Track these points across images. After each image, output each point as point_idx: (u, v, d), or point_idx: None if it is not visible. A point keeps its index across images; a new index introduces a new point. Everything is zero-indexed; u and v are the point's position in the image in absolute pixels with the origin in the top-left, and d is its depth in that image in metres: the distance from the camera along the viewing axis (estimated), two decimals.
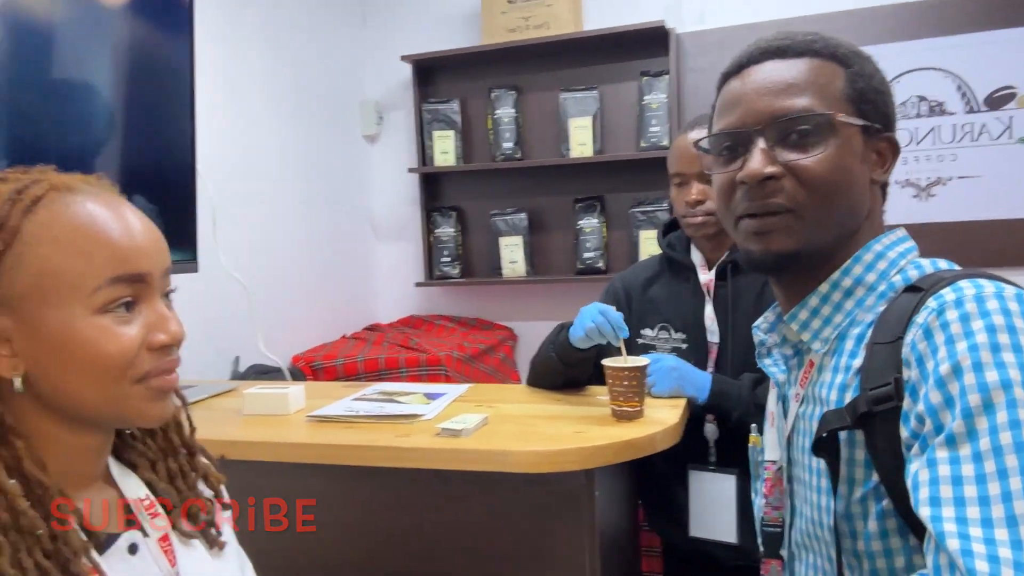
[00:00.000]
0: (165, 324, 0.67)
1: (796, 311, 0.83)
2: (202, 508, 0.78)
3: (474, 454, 1.09)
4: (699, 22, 2.65)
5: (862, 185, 0.80)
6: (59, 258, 0.62)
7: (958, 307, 0.67)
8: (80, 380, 0.63)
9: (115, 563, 0.66)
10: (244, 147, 2.30)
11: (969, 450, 0.61)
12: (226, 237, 2.00)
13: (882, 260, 0.80)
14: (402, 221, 3.05)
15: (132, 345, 0.64)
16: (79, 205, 0.64)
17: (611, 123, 2.73)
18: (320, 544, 1.26)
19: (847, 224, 0.80)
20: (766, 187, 0.78)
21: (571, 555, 1.13)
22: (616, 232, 2.75)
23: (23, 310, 0.61)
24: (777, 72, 0.79)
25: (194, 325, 2.24)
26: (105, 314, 0.63)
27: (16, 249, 0.61)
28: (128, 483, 0.73)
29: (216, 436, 1.23)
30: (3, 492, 0.59)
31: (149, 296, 0.67)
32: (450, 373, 2.26)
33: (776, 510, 0.90)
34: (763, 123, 0.78)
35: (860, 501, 0.74)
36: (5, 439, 0.62)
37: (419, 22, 2.95)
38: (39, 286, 0.61)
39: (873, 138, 0.80)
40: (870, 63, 0.82)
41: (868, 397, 0.70)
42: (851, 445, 0.74)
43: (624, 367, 1.19)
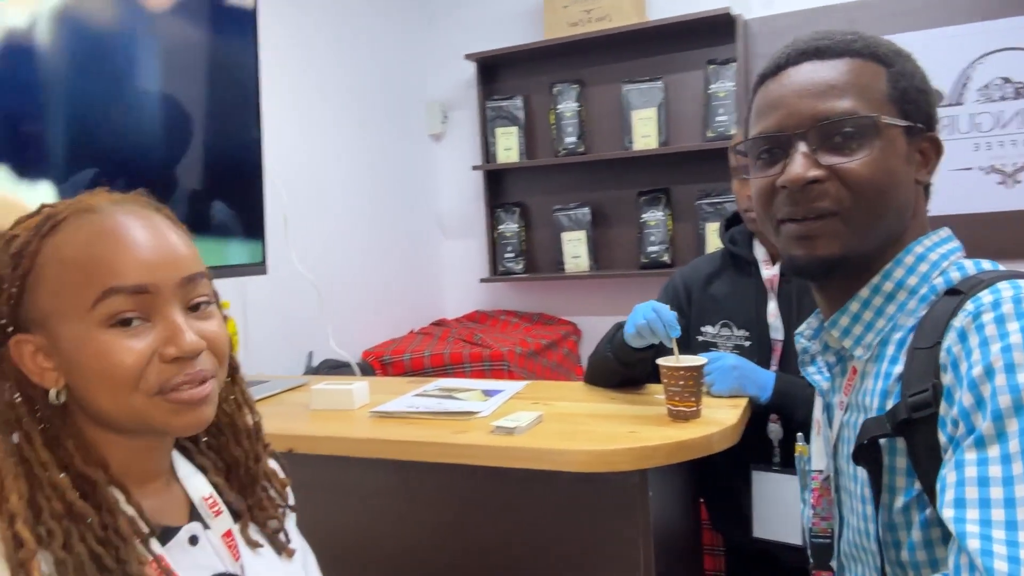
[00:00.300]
0: (177, 337, 0.66)
1: (837, 317, 0.81)
2: (271, 516, 0.81)
3: (526, 452, 1.11)
4: (767, 7, 2.57)
5: (907, 187, 0.77)
6: (66, 276, 0.65)
7: (995, 309, 0.65)
8: (96, 392, 0.65)
9: (176, 554, 0.70)
10: (313, 149, 2.39)
11: (998, 451, 0.60)
12: (297, 237, 2.09)
13: (923, 262, 0.77)
14: (467, 218, 3.09)
15: (136, 359, 0.65)
16: (88, 224, 0.66)
17: (676, 114, 2.68)
18: (379, 535, 1.30)
19: (893, 227, 0.78)
20: (810, 191, 0.76)
21: (625, 555, 1.14)
22: (682, 225, 2.71)
23: (49, 327, 0.65)
24: (817, 73, 0.77)
25: (269, 322, 2.36)
26: (111, 328, 0.64)
27: (36, 272, 0.65)
28: (193, 482, 0.77)
29: (285, 431, 1.29)
30: (54, 487, 0.64)
31: (161, 308, 0.67)
32: (512, 368, 2.28)
33: (824, 520, 0.89)
34: (804, 126, 0.76)
35: (903, 510, 0.72)
36: (58, 440, 0.67)
37: (482, 20, 2.98)
38: (54, 304, 0.65)
39: (916, 138, 0.78)
40: (911, 62, 0.79)
41: (908, 404, 0.69)
42: (892, 453, 0.73)
43: (679, 366, 1.18)
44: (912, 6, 2.36)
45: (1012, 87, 2.28)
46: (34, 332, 0.66)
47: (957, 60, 2.33)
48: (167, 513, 0.73)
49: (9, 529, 0.61)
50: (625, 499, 1.13)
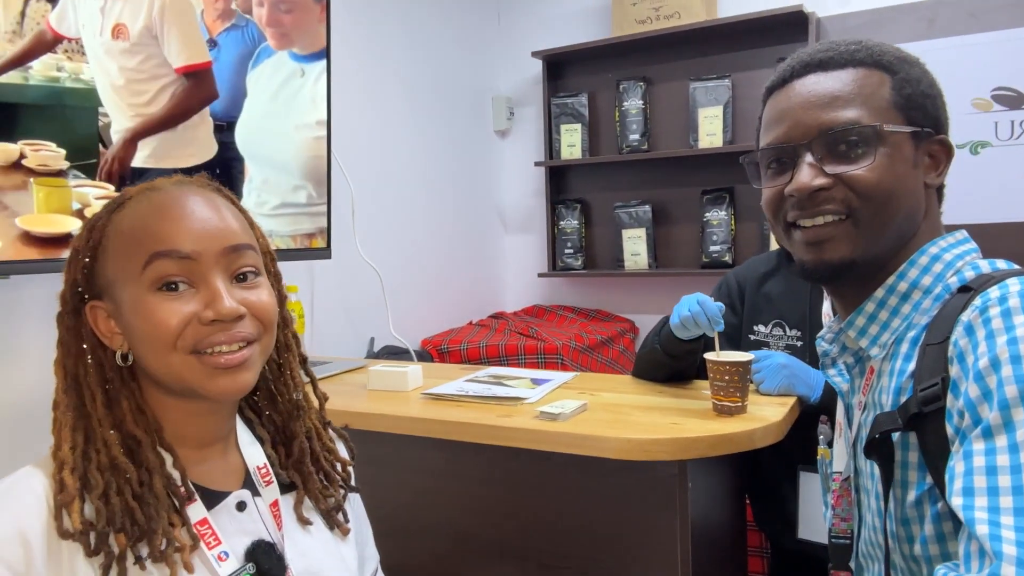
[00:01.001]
0: (216, 301, 0.71)
1: (853, 318, 0.83)
2: (329, 493, 0.84)
3: (569, 437, 1.14)
4: (842, 5, 2.51)
5: (916, 190, 0.79)
6: (123, 246, 0.72)
7: (1001, 303, 0.66)
8: (145, 352, 0.71)
9: (223, 518, 0.74)
10: (382, 140, 2.47)
11: (1005, 441, 0.61)
12: (363, 226, 2.17)
13: (938, 262, 0.78)
14: (528, 213, 3.13)
15: (178, 319, 0.70)
16: (147, 200, 0.73)
17: (744, 112, 2.65)
18: (425, 510, 1.36)
19: (903, 229, 0.79)
20: (816, 199, 0.78)
21: (663, 545, 1.15)
22: (745, 224, 2.68)
23: (113, 295, 0.72)
24: (821, 85, 0.79)
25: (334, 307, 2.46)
26: (157, 292, 0.70)
27: (104, 244, 0.73)
28: (252, 451, 0.81)
29: (343, 407, 1.36)
30: (105, 442, 0.71)
31: (205, 275, 0.71)
32: (567, 362, 2.31)
33: (844, 521, 0.90)
34: (810, 137, 0.79)
35: (915, 504, 0.73)
36: (117, 400, 0.73)
37: (551, 18, 3.01)
38: (115, 271, 0.72)
39: (924, 142, 0.79)
40: (917, 68, 0.80)
41: (918, 398, 0.70)
42: (905, 448, 0.74)
43: (725, 361, 1.19)
44: (992, 4, 2.26)
45: None
46: (104, 299, 0.73)
47: None
48: (220, 478, 0.77)
49: (58, 474, 0.68)
50: (664, 489, 1.15)
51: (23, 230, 1.21)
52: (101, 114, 1.31)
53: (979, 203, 2.22)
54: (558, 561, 1.24)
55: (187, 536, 0.70)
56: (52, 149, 1.23)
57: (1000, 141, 2.29)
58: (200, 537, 0.71)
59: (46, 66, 1.22)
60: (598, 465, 1.16)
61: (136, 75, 1.36)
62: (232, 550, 0.73)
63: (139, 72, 1.37)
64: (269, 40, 1.62)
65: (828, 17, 2.51)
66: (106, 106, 1.32)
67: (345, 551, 0.85)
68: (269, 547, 0.76)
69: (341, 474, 0.88)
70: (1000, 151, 2.28)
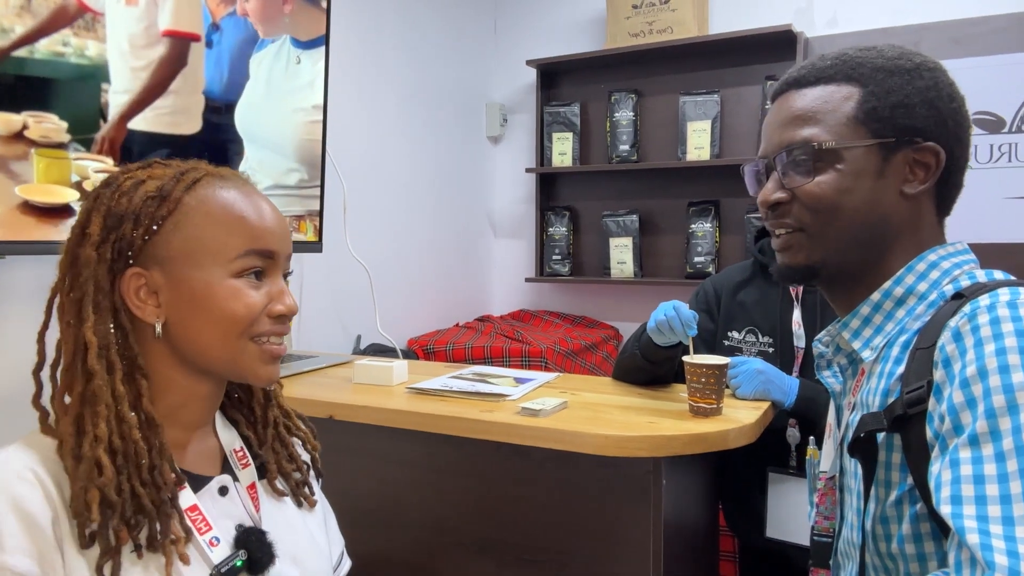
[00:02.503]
0: (283, 297, 0.78)
1: (848, 320, 0.86)
2: (298, 469, 0.88)
3: (548, 432, 1.17)
4: (830, 26, 2.57)
5: (881, 200, 0.81)
6: (209, 229, 0.74)
7: (990, 311, 0.68)
8: (210, 331, 0.74)
9: (207, 501, 0.76)
10: (377, 141, 2.50)
11: (992, 449, 0.62)
12: (354, 224, 2.20)
13: (935, 270, 0.81)
14: (518, 219, 3.17)
15: (257, 306, 0.75)
16: (228, 190, 0.77)
17: (731, 127, 2.71)
18: (406, 501, 1.38)
19: (866, 238, 0.82)
20: (777, 211, 0.85)
21: (636, 538, 1.19)
22: (729, 237, 2.73)
23: (173, 268, 0.73)
24: (788, 104, 0.85)
25: (322, 302, 2.48)
26: (239, 279, 0.74)
27: (175, 218, 0.73)
28: (227, 435, 0.84)
29: (328, 399, 1.39)
30: (122, 421, 0.69)
31: (274, 272, 0.78)
32: (550, 365, 2.34)
33: (827, 520, 0.92)
34: (774, 153, 0.85)
35: (895, 504, 0.75)
36: (133, 377, 0.72)
37: (546, 28, 3.06)
38: (189, 249, 0.73)
39: (900, 151, 0.80)
40: (898, 77, 0.81)
41: (904, 400, 0.72)
42: (889, 448, 0.76)
43: (702, 364, 1.22)
44: (975, 31, 2.33)
45: None
46: (151, 268, 0.73)
47: (1020, 87, 2.29)
48: (201, 462, 0.79)
49: (91, 451, 0.66)
50: (639, 485, 1.18)
51: (22, 199, 1.23)
52: (103, 90, 1.34)
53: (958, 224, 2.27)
54: (535, 554, 1.27)
55: (180, 527, 0.71)
56: (54, 122, 1.26)
57: (979, 164, 2.35)
58: (192, 523, 0.73)
59: (52, 41, 1.25)
60: (576, 461, 1.20)
61: (138, 40, 1.39)
62: (221, 535, 0.75)
63: (141, 38, 1.39)
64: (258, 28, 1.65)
65: (816, 37, 2.57)
66: (113, 78, 1.35)
67: (316, 533, 0.88)
68: (260, 534, 0.78)
69: (310, 453, 0.92)
70: (980, 174, 2.35)
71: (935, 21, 2.39)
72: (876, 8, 2.49)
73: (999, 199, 2.32)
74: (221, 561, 0.73)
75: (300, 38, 1.76)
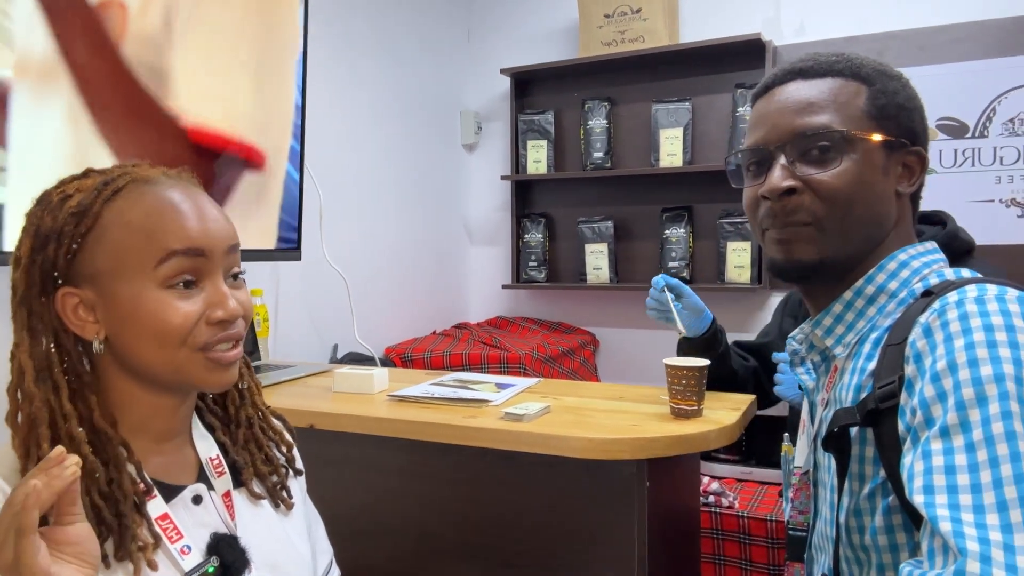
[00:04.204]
0: (223, 301, 0.73)
1: (821, 317, 0.87)
2: (274, 471, 0.86)
3: (532, 437, 1.17)
4: (798, 35, 2.63)
5: (885, 197, 0.83)
6: (129, 239, 0.70)
7: (958, 307, 0.70)
8: (146, 346, 0.71)
9: (180, 511, 0.75)
10: (352, 149, 2.49)
11: (962, 441, 0.64)
12: (331, 233, 2.19)
13: (905, 268, 0.82)
14: (493, 226, 3.18)
15: (189, 316, 0.71)
16: (151, 194, 0.73)
17: (702, 134, 2.75)
18: (392, 509, 1.38)
19: (870, 234, 0.83)
20: (787, 203, 0.82)
21: (621, 540, 1.19)
22: (703, 242, 2.77)
23: (102, 284, 0.71)
24: (799, 92, 0.84)
25: (298, 312, 2.46)
26: (168, 289, 0.71)
27: (96, 232, 0.71)
28: (204, 444, 0.82)
29: (308, 408, 1.37)
30: (71, 438, 0.68)
31: (211, 274, 0.74)
32: (529, 371, 2.35)
33: (802, 514, 0.94)
34: (784, 140, 0.83)
35: (868, 497, 0.77)
36: (82, 394, 0.71)
37: (519, 37, 3.08)
38: (114, 263, 0.70)
39: (897, 152, 0.83)
40: (895, 81, 0.84)
41: (876, 395, 0.73)
42: (862, 442, 0.77)
43: (682, 366, 1.24)
44: (940, 39, 2.40)
45: None
46: (81, 286, 0.71)
47: (983, 94, 2.36)
48: (176, 472, 0.78)
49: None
50: (624, 488, 1.19)
51: None
52: None
53: None
54: (520, 559, 1.27)
55: (148, 534, 0.70)
56: None
57: (944, 168, 2.42)
58: (162, 532, 0.71)
59: None
60: (560, 464, 1.20)
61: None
62: (193, 543, 0.74)
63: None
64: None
65: (784, 46, 2.63)
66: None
67: (297, 541, 0.87)
68: (232, 540, 0.76)
69: (285, 455, 0.90)
70: (943, 178, 2.41)
71: (900, 29, 2.46)
72: (842, 17, 2.55)
73: (963, 203, 2.39)
74: (192, 568, 0.72)
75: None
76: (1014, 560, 0.57)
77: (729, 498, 2.08)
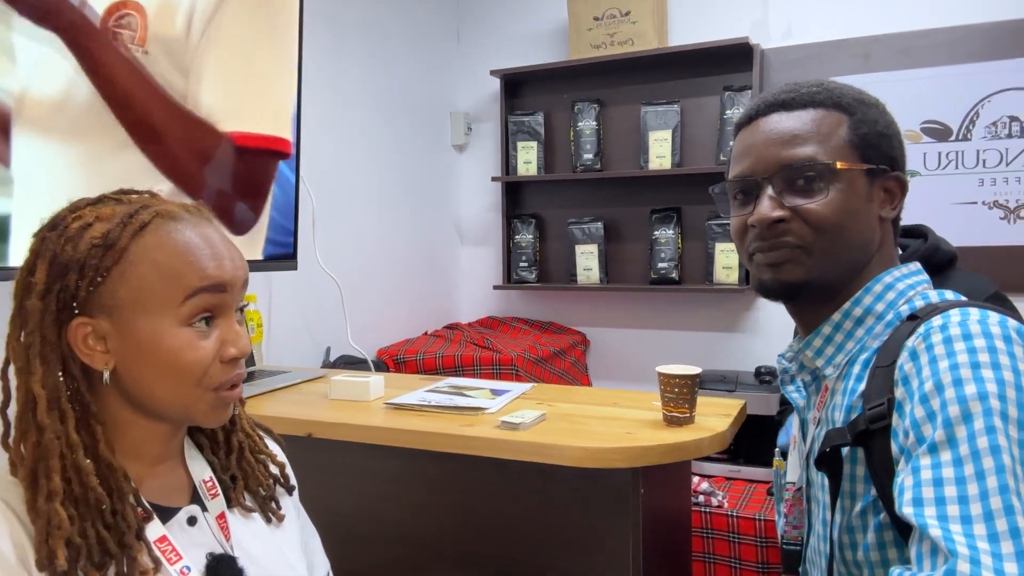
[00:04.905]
0: (237, 339, 0.75)
1: (811, 339, 0.89)
2: (262, 485, 0.87)
3: (529, 446, 1.20)
4: (785, 39, 2.66)
5: (869, 222, 0.86)
6: (155, 277, 0.71)
7: (943, 331, 0.73)
8: (159, 381, 0.72)
9: (176, 532, 0.76)
10: (342, 153, 2.50)
11: (949, 456, 0.67)
12: (323, 236, 2.19)
13: (891, 291, 0.85)
14: (484, 227, 3.19)
15: (208, 356, 0.73)
16: (178, 232, 0.74)
17: (691, 136, 2.77)
18: (388, 516, 1.40)
19: (856, 258, 0.86)
20: (775, 229, 0.85)
21: (615, 547, 1.22)
22: (691, 244, 2.80)
23: (121, 316, 0.71)
24: (783, 123, 0.86)
25: (292, 315, 2.46)
26: (188, 327, 0.72)
27: (121, 267, 0.71)
28: (196, 465, 0.83)
29: (305, 416, 1.39)
30: (78, 470, 0.69)
31: (226, 312, 0.76)
32: (521, 373, 2.37)
33: (796, 529, 0.97)
34: (771, 171, 0.86)
35: (860, 514, 0.79)
36: (87, 424, 0.71)
37: (509, 39, 3.09)
38: (137, 298, 0.71)
39: (879, 178, 0.86)
40: (875, 109, 0.87)
41: (866, 416, 0.76)
42: (853, 462, 0.80)
43: (675, 374, 1.26)
44: (924, 43, 2.44)
45: (1019, 125, 2.35)
46: (96, 316, 0.71)
47: (967, 97, 2.40)
48: (170, 494, 0.79)
49: (47, 505, 0.67)
50: (618, 495, 1.21)
51: None
52: None
53: None
54: (516, 566, 1.30)
55: (148, 559, 0.71)
56: None
57: (928, 171, 2.45)
58: (162, 554, 0.73)
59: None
60: (555, 472, 1.22)
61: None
62: (192, 564, 0.75)
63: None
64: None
65: (772, 49, 2.65)
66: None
67: (292, 557, 0.88)
68: (230, 560, 0.78)
69: (277, 475, 0.91)
70: (928, 180, 2.45)
71: (885, 33, 2.49)
72: (829, 21, 2.58)
73: (947, 205, 2.43)
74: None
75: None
76: (1001, 565, 0.61)
77: (719, 497, 2.12)
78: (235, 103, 1.61)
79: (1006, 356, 0.70)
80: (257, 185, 1.65)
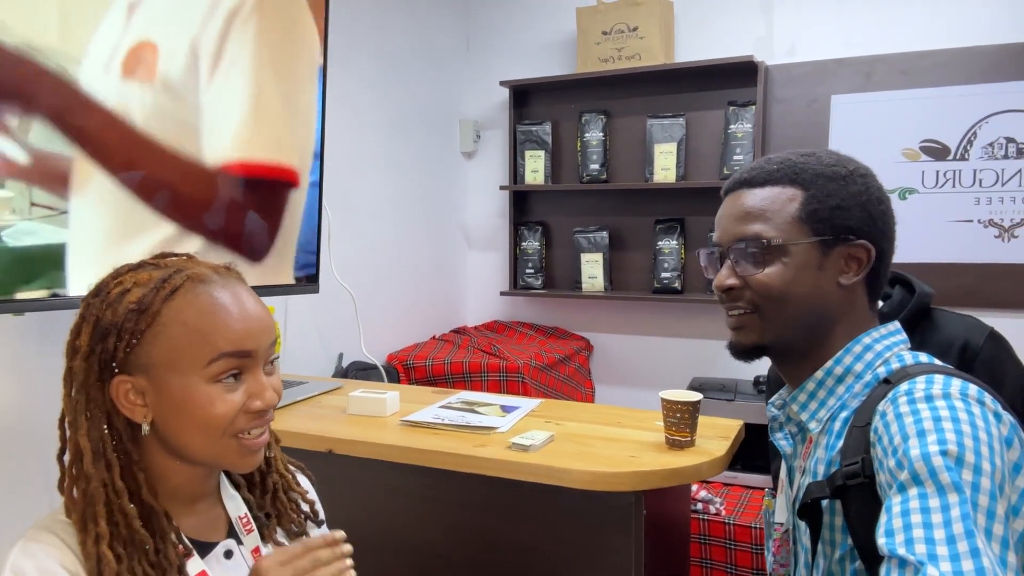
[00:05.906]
0: (263, 393, 0.81)
1: (797, 394, 0.98)
2: (294, 522, 0.95)
3: (538, 468, 1.27)
4: (788, 56, 2.71)
5: (821, 289, 0.93)
6: (185, 338, 0.77)
7: (908, 395, 0.82)
8: (192, 432, 0.79)
9: (214, 565, 0.83)
10: (354, 160, 2.56)
11: (916, 491, 0.74)
12: (337, 246, 2.26)
13: (869, 352, 0.93)
14: (492, 234, 3.26)
15: (234, 409, 0.79)
16: (205, 295, 0.79)
17: (695, 150, 2.83)
18: (403, 530, 1.47)
19: (810, 321, 0.94)
20: (731, 295, 0.97)
21: (619, 563, 1.30)
22: (694, 254, 2.86)
23: (156, 374, 0.78)
24: (740, 201, 0.97)
25: (307, 325, 2.54)
26: (216, 383, 0.78)
27: (155, 329, 0.78)
28: (232, 502, 0.90)
29: (326, 433, 1.47)
30: (124, 514, 0.76)
31: (254, 368, 0.81)
32: (527, 380, 2.45)
33: (783, 567, 1.05)
34: (727, 244, 0.97)
35: (839, 561, 0.88)
36: (131, 471, 0.79)
37: (518, 50, 3.15)
38: (169, 358, 0.77)
39: (839, 246, 0.93)
40: (835, 183, 0.93)
41: (843, 472, 0.84)
42: (832, 512, 0.88)
43: (677, 400, 1.34)
44: (924, 64, 2.49)
45: (1015, 146, 2.41)
46: (135, 374, 0.78)
47: (965, 117, 2.46)
48: (208, 529, 0.86)
49: (95, 547, 0.74)
50: (622, 516, 1.29)
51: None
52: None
53: (905, 245, 2.43)
54: None
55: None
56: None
57: (926, 189, 2.52)
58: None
59: None
60: (563, 492, 1.30)
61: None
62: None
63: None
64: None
65: (775, 66, 2.71)
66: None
67: None
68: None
69: (308, 513, 0.98)
70: (925, 197, 2.52)
71: (886, 53, 2.55)
72: (831, 40, 2.64)
73: (944, 222, 2.50)
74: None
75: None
76: (959, 567, 0.67)
77: (716, 504, 2.20)
78: (241, 134, 1.65)
79: (964, 413, 0.78)
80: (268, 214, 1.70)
